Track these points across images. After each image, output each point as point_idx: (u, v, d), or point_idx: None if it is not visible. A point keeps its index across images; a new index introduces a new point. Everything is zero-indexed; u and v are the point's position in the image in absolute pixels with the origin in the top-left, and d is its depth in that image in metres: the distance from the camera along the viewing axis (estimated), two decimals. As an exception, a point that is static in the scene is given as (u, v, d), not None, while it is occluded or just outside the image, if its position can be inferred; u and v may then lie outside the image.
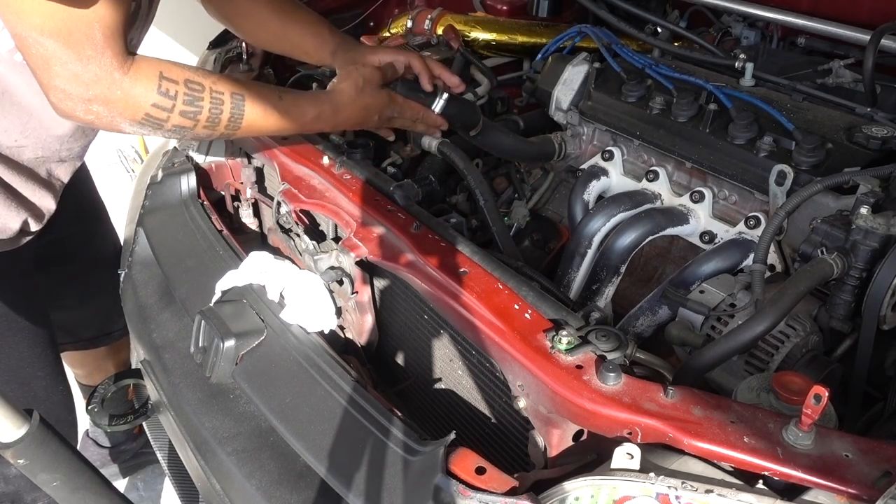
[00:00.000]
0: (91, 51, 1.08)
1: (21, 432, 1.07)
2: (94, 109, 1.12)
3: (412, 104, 1.42)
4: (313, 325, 1.25)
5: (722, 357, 0.99)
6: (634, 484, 0.82)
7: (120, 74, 1.11)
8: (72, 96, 1.10)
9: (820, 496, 0.79)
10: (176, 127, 1.19)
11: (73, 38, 1.06)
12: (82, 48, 1.07)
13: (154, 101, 1.14)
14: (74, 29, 1.06)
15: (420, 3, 2.16)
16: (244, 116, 1.23)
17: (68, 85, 1.09)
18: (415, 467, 0.96)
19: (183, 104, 1.17)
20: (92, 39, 1.07)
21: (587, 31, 1.71)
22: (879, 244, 1.05)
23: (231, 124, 1.23)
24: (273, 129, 1.31)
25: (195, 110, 1.18)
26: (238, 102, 1.22)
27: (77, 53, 1.07)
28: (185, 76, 1.18)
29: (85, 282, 1.86)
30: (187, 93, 1.17)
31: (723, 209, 1.36)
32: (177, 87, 1.16)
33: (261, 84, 1.28)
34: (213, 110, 1.20)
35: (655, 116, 1.44)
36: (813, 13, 1.63)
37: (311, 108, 1.30)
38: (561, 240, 1.57)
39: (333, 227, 1.34)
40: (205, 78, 1.20)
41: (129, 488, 2.28)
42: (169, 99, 1.15)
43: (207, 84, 1.19)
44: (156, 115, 1.16)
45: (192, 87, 1.17)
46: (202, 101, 1.18)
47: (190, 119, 1.19)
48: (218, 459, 1.19)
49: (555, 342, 0.95)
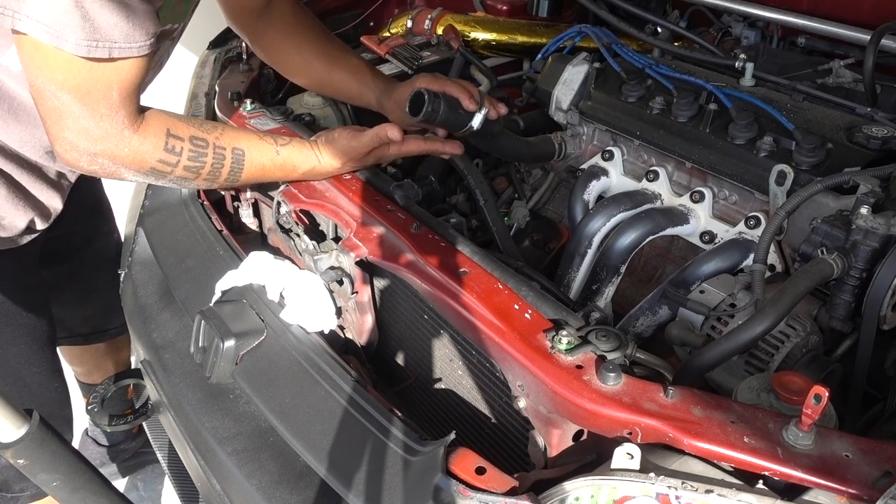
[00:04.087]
0: (105, 109, 1.10)
1: (21, 432, 1.07)
2: (99, 161, 1.14)
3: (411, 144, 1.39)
4: (313, 325, 1.25)
5: (722, 357, 0.99)
6: (634, 484, 0.82)
7: (130, 133, 1.13)
8: (79, 149, 1.12)
9: (820, 496, 0.80)
10: (178, 178, 1.22)
11: (91, 96, 1.08)
12: (97, 106, 1.09)
13: (160, 157, 1.17)
14: (94, 88, 1.07)
15: (420, 3, 2.16)
16: (243, 171, 1.28)
17: (77, 138, 1.11)
18: (415, 467, 0.96)
19: (187, 160, 1.20)
20: (108, 99, 1.09)
21: (587, 31, 1.71)
22: (879, 244, 1.04)
23: (230, 178, 1.27)
24: (269, 181, 1.36)
25: (198, 165, 1.22)
26: (238, 158, 1.26)
27: (91, 111, 1.09)
28: (191, 133, 1.21)
29: (85, 279, 1.86)
30: (192, 149, 1.20)
31: (723, 209, 1.36)
32: (182, 143, 1.19)
33: (260, 137, 1.31)
34: (215, 165, 1.23)
35: (655, 116, 1.44)
36: (813, 13, 1.63)
37: (303, 164, 1.33)
38: (561, 240, 1.57)
39: (333, 227, 1.34)
40: (209, 133, 1.23)
41: (128, 488, 2.28)
42: (174, 155, 1.18)
43: (211, 140, 1.23)
44: (160, 168, 1.19)
45: (197, 143, 1.21)
46: (206, 157, 1.22)
47: (192, 173, 1.22)
48: (218, 459, 1.19)
49: (555, 342, 0.95)
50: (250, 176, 1.29)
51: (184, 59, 1.61)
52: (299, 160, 1.33)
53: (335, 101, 1.76)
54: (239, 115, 1.54)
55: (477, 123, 1.39)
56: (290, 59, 1.61)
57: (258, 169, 1.29)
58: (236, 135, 1.28)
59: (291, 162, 1.32)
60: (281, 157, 1.30)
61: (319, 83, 1.63)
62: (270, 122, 1.50)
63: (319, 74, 1.59)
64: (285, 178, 1.36)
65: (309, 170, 1.34)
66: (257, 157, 1.28)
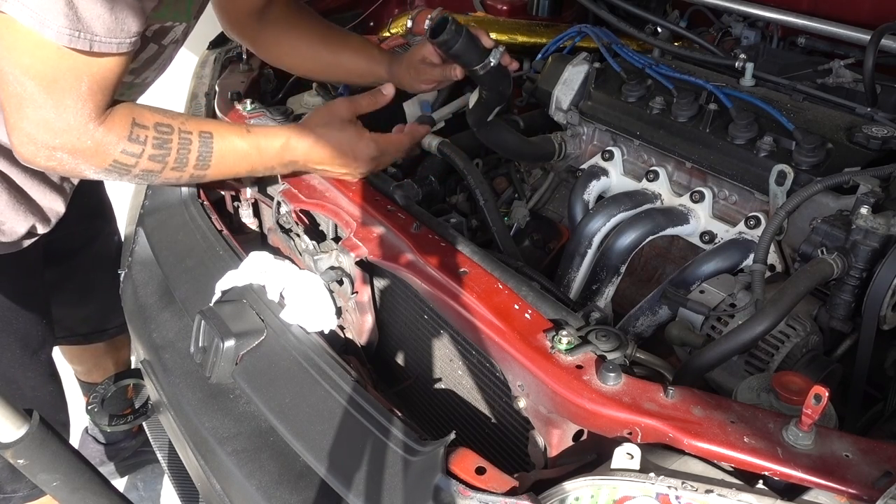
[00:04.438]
0: (71, 101, 1.05)
1: (21, 432, 1.07)
2: (57, 156, 1.09)
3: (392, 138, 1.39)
4: (313, 325, 1.25)
5: (722, 357, 0.99)
6: (634, 484, 0.82)
7: (94, 125, 1.08)
8: (36, 141, 1.07)
9: (820, 496, 0.80)
10: (144, 172, 1.17)
11: (57, 85, 1.03)
12: (62, 97, 1.04)
13: (123, 147, 1.12)
14: (61, 77, 1.02)
15: (420, 3, 2.16)
16: (213, 156, 1.21)
17: (36, 130, 1.06)
18: (415, 467, 0.96)
19: (152, 148, 1.15)
20: (76, 91, 1.04)
21: (587, 31, 1.71)
22: (879, 244, 1.04)
23: (200, 164, 1.21)
24: (244, 167, 1.28)
25: (163, 153, 1.16)
26: (206, 140, 1.20)
27: (55, 101, 1.04)
28: (155, 119, 1.16)
29: (85, 279, 1.86)
30: (156, 136, 1.15)
31: (723, 209, 1.36)
32: (147, 131, 1.14)
33: (230, 123, 1.27)
34: (181, 150, 1.18)
35: (655, 116, 1.44)
36: (813, 13, 1.63)
37: (277, 139, 1.27)
38: (561, 240, 1.57)
39: (333, 227, 1.34)
40: (173, 119, 1.18)
41: (128, 488, 2.28)
42: (139, 145, 1.13)
43: (176, 125, 1.17)
44: (124, 161, 1.13)
45: (161, 129, 1.15)
46: (170, 143, 1.16)
47: (158, 162, 1.16)
48: (218, 459, 1.19)
49: (555, 342, 0.95)
50: (222, 162, 1.23)
51: (184, 59, 1.61)
52: (271, 137, 1.27)
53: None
54: (239, 115, 1.54)
55: (494, 59, 1.38)
56: (295, 52, 1.59)
57: (230, 152, 1.23)
58: (205, 121, 1.23)
59: (265, 139, 1.26)
60: (253, 136, 1.25)
61: (328, 69, 1.61)
62: (270, 122, 1.50)
63: (327, 60, 1.58)
64: (263, 164, 1.28)
65: (284, 144, 1.28)
66: (228, 137, 1.22)
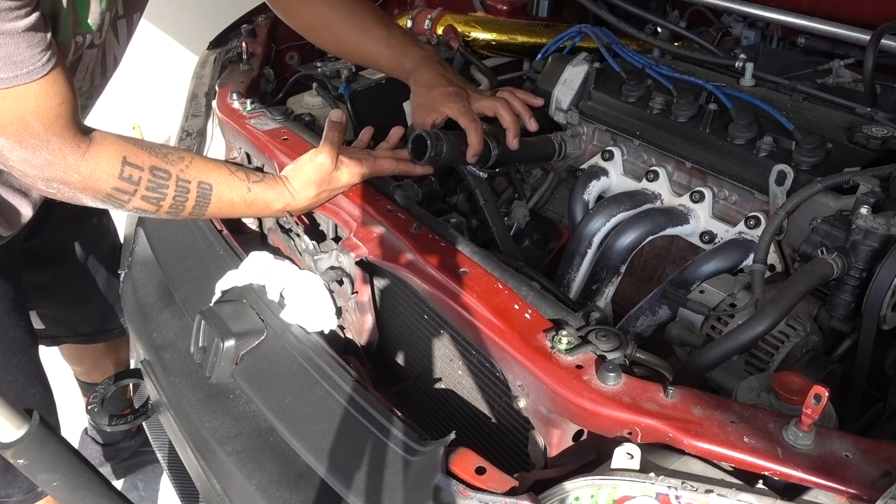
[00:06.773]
0: (33, 140, 1.04)
1: (21, 432, 1.07)
2: (54, 186, 1.10)
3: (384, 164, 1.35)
4: (313, 325, 1.25)
5: (722, 357, 0.99)
6: (634, 484, 0.82)
7: (75, 158, 1.07)
8: (29, 176, 1.08)
9: (820, 496, 0.80)
10: (137, 209, 1.17)
11: (9, 130, 1.02)
12: (23, 138, 1.03)
13: (115, 185, 1.12)
14: (7, 122, 1.02)
15: (420, 3, 2.16)
16: (209, 206, 1.22)
17: (23, 167, 1.07)
18: (415, 467, 0.96)
19: (146, 190, 1.14)
20: (30, 131, 1.03)
21: (587, 31, 1.71)
22: (879, 244, 1.04)
23: (196, 212, 1.22)
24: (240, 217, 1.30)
25: (158, 197, 1.16)
26: (205, 192, 1.20)
27: (20, 143, 1.03)
28: (152, 163, 1.15)
29: (81, 280, 1.86)
30: (151, 180, 1.14)
31: (723, 209, 1.36)
32: (141, 173, 1.13)
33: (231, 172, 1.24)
34: (178, 198, 1.18)
35: (655, 116, 1.44)
36: (813, 13, 1.63)
37: (276, 202, 1.27)
38: (561, 240, 1.57)
39: (333, 227, 1.34)
40: (173, 165, 1.17)
41: (128, 488, 2.29)
42: (131, 184, 1.13)
43: (174, 172, 1.17)
44: (116, 196, 1.14)
45: (158, 174, 1.15)
46: (166, 188, 1.16)
47: (151, 204, 1.17)
48: (218, 459, 1.19)
49: (555, 342, 0.95)
50: (218, 212, 1.24)
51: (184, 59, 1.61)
52: (272, 198, 1.27)
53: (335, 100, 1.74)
54: (239, 115, 1.54)
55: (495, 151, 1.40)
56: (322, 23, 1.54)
57: (227, 205, 1.23)
58: (205, 168, 1.21)
59: (263, 199, 1.26)
60: (252, 195, 1.25)
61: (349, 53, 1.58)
62: (270, 122, 1.50)
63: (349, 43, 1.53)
64: (257, 215, 1.30)
65: (283, 207, 1.29)
66: (226, 193, 1.22)
